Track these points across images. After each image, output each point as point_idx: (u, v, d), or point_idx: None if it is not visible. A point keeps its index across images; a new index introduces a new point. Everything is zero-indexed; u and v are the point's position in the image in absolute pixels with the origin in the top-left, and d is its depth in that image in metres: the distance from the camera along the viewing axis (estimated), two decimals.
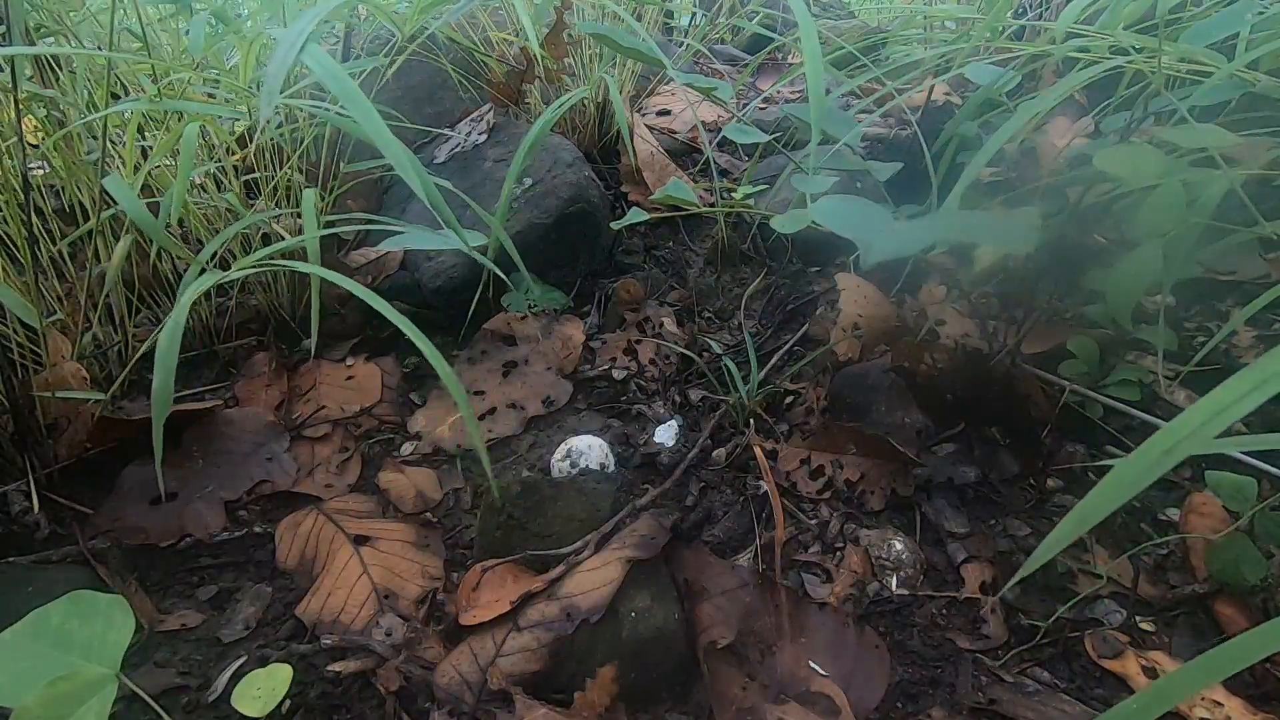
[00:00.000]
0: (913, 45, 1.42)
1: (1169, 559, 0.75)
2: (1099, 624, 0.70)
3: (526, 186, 1.12)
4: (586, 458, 0.84)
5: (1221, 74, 0.70)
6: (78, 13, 1.02)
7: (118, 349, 0.94)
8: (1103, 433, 0.85)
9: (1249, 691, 0.64)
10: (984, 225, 0.62)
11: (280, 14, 0.99)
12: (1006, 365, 0.86)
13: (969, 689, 0.66)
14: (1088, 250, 0.79)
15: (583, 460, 0.83)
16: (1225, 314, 0.93)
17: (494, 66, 1.26)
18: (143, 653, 0.70)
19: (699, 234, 1.26)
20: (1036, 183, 0.80)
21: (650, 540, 0.71)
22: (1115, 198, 0.75)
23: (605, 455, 0.84)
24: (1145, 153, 0.65)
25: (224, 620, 0.74)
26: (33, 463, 0.82)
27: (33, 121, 0.97)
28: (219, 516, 0.84)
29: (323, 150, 1.10)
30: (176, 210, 0.81)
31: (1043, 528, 0.79)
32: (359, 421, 0.97)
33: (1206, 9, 0.87)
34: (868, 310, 0.97)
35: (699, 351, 1.04)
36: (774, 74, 1.78)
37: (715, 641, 0.67)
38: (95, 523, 0.82)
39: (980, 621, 0.72)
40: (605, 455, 0.84)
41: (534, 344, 1.05)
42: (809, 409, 0.93)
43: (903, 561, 0.76)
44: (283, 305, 1.07)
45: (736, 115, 1.05)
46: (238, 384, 1.00)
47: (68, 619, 0.58)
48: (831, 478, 0.85)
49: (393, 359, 1.06)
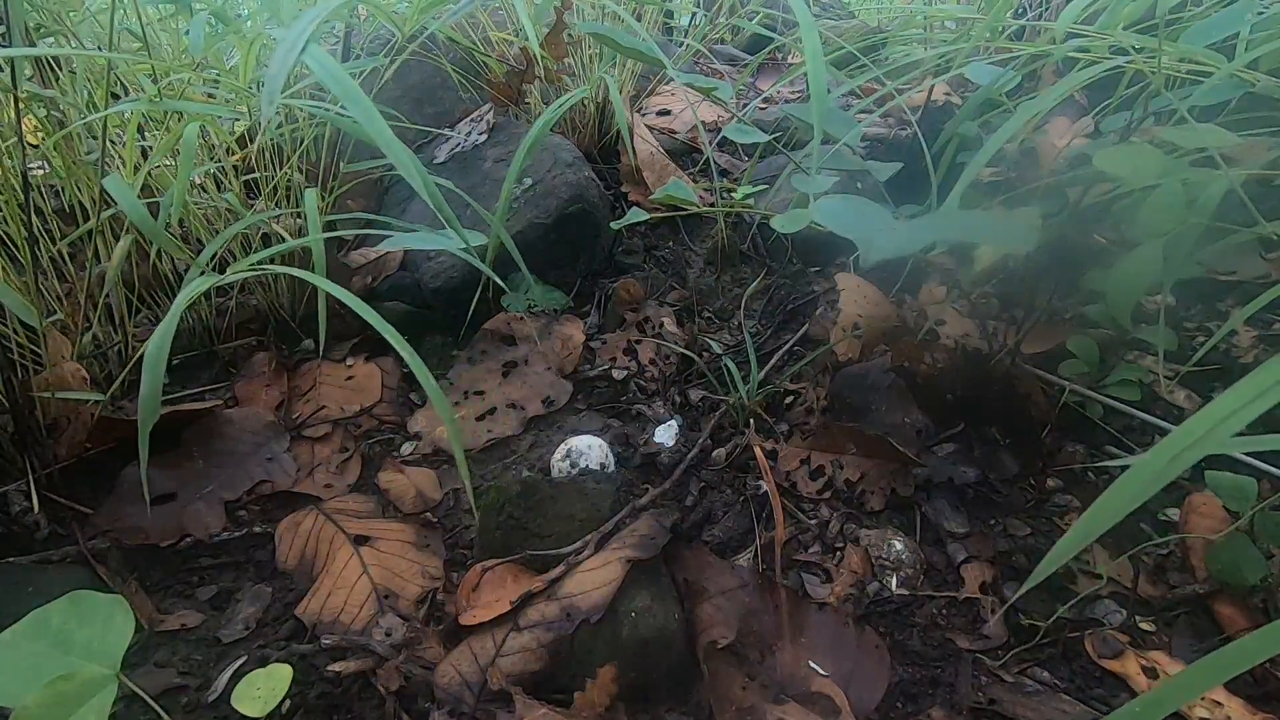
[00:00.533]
0: (913, 45, 1.42)
1: (1169, 559, 0.75)
2: (1099, 624, 0.70)
3: (526, 186, 1.12)
4: (586, 458, 0.84)
5: (1221, 74, 0.70)
6: (78, 13, 1.02)
7: (118, 349, 0.94)
8: (1103, 433, 0.85)
9: (1249, 691, 0.64)
10: (984, 225, 0.62)
11: (280, 14, 0.99)
12: (1006, 365, 0.86)
13: (969, 689, 0.66)
14: (1088, 250, 0.79)
15: (583, 460, 0.83)
16: (1225, 314, 0.92)
17: (494, 66, 1.26)
18: (143, 653, 0.70)
19: (699, 234, 1.26)
20: (1036, 183, 0.80)
21: (650, 540, 0.71)
22: (1115, 198, 0.75)
23: (605, 455, 0.84)
24: (1145, 153, 0.65)
25: (224, 620, 0.74)
26: (33, 463, 0.82)
27: (33, 121, 0.97)
28: (219, 516, 0.84)
29: (323, 150, 1.10)
30: (176, 210, 0.81)
31: (1043, 528, 0.79)
32: (359, 421, 0.97)
33: (1206, 9, 0.87)
34: (868, 310, 0.97)
35: (699, 351, 1.04)
36: (774, 74, 1.78)
37: (715, 641, 0.67)
38: (95, 523, 0.82)
39: (980, 621, 0.72)
40: (605, 455, 0.84)
41: (534, 344, 1.05)
42: (809, 409, 0.93)
43: (903, 561, 0.76)
44: (283, 305, 1.07)
45: (736, 115, 1.05)
46: (238, 384, 1.00)
47: (68, 619, 0.58)
48: (831, 478, 0.85)
49: (393, 359, 1.06)
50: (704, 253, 1.23)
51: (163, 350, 0.61)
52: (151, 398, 0.61)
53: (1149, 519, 0.79)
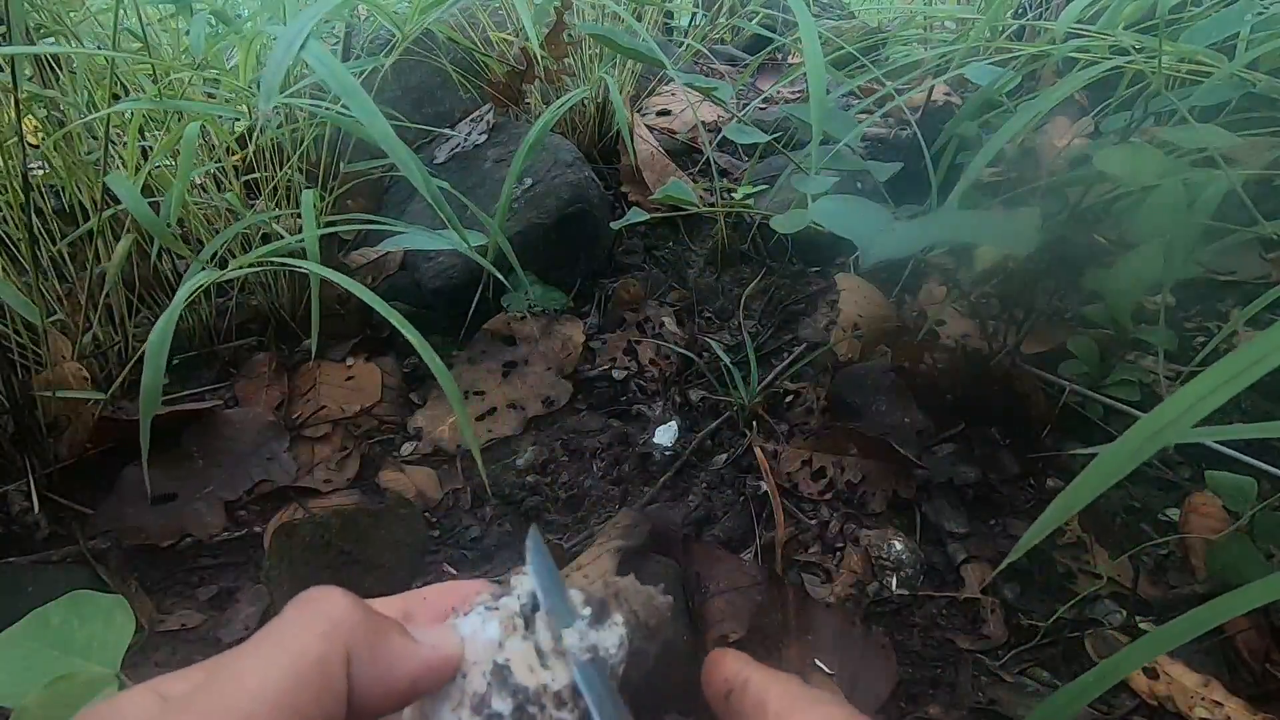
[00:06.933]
0: (913, 45, 1.42)
1: (1169, 559, 0.75)
2: (1099, 624, 0.70)
3: (526, 186, 1.12)
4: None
5: (1221, 74, 0.70)
6: (78, 13, 1.02)
7: (118, 349, 0.94)
8: (1103, 433, 0.85)
9: (1249, 691, 0.64)
10: (984, 225, 0.62)
11: (280, 14, 0.99)
12: (1006, 365, 0.86)
13: (969, 689, 0.66)
14: (1088, 250, 0.79)
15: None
16: (1225, 314, 0.93)
17: (494, 66, 1.26)
18: (143, 653, 0.70)
19: (699, 234, 1.26)
20: (1036, 183, 0.80)
21: (634, 529, 0.71)
22: (1115, 198, 0.75)
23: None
24: (1145, 153, 0.65)
25: (224, 620, 0.74)
26: (33, 463, 0.82)
27: (33, 121, 0.97)
28: (219, 516, 0.84)
29: (323, 150, 1.09)
30: (176, 210, 0.81)
31: None
32: (359, 421, 0.97)
33: (1206, 9, 0.87)
34: (868, 310, 0.97)
35: (699, 352, 1.04)
36: (774, 74, 1.78)
37: (726, 636, 0.67)
38: (95, 523, 0.82)
39: (980, 621, 0.72)
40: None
41: (534, 344, 1.05)
42: (809, 409, 0.93)
43: (903, 561, 0.76)
44: (283, 305, 1.07)
45: (736, 115, 1.05)
46: (238, 384, 1.00)
47: (68, 619, 0.58)
48: (833, 479, 0.85)
49: (393, 359, 1.06)
50: (704, 253, 1.23)
51: (165, 340, 0.61)
52: (153, 389, 0.61)
53: (1149, 519, 0.79)
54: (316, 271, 0.69)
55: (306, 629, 0.25)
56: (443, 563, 0.79)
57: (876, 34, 1.51)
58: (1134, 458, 0.35)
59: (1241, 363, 0.34)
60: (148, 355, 0.61)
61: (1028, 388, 0.84)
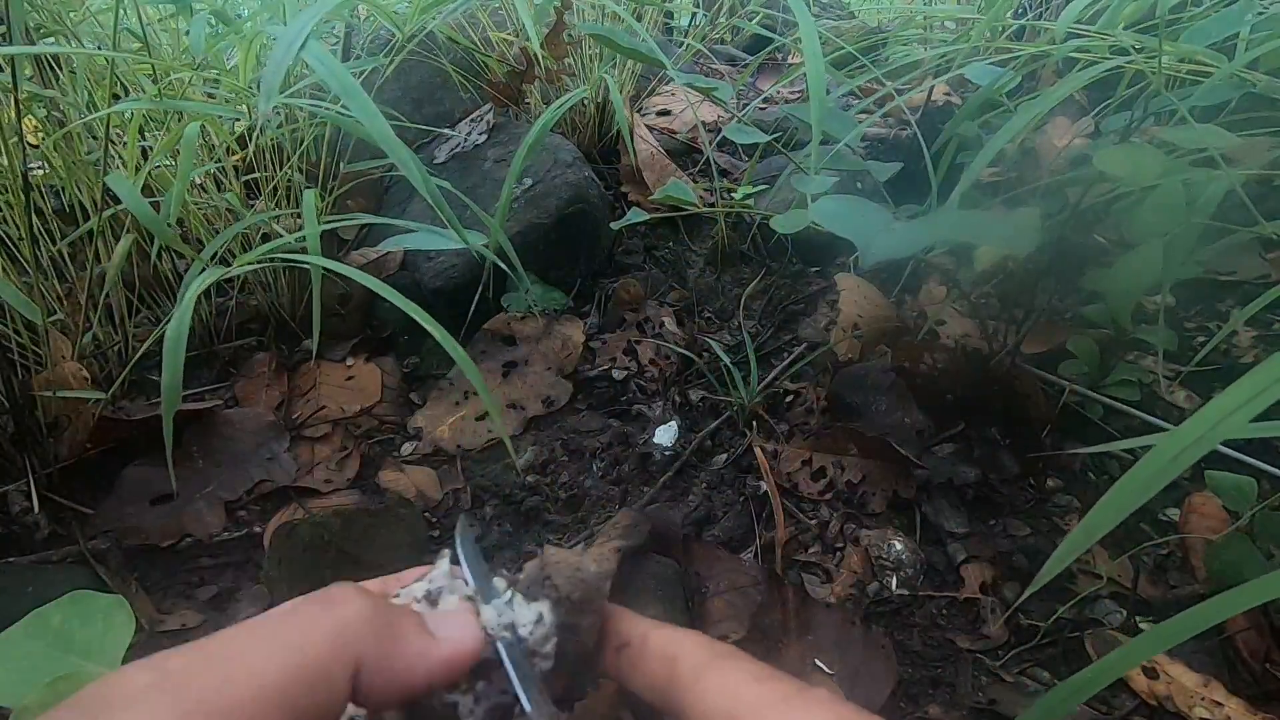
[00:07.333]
0: (913, 45, 1.42)
1: (1169, 559, 0.75)
2: (1099, 624, 0.70)
3: (526, 186, 1.12)
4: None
5: (1221, 74, 0.70)
6: (78, 13, 1.02)
7: (118, 349, 0.94)
8: (1103, 433, 0.85)
9: (1249, 691, 0.64)
10: (984, 225, 0.62)
11: (280, 14, 0.99)
12: (1006, 365, 0.86)
13: (969, 689, 0.66)
14: (1088, 250, 0.79)
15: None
16: (1225, 314, 0.93)
17: (494, 66, 1.26)
18: (143, 652, 0.69)
19: (699, 234, 1.26)
20: (1036, 183, 0.80)
21: (634, 529, 0.71)
22: (1115, 198, 0.75)
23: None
24: (1145, 153, 0.65)
25: (224, 620, 0.74)
26: (33, 463, 0.82)
27: (33, 121, 0.97)
28: (219, 516, 0.84)
29: (323, 150, 1.09)
30: (176, 210, 0.81)
31: (1043, 528, 0.79)
32: (359, 421, 0.97)
33: (1206, 9, 0.87)
34: (868, 310, 0.97)
35: (699, 352, 1.04)
36: (774, 74, 1.78)
37: (726, 636, 0.67)
38: (95, 523, 0.82)
39: (980, 621, 0.72)
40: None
41: (534, 344, 1.05)
42: (809, 409, 0.93)
43: (903, 561, 0.76)
44: (283, 305, 1.07)
45: (736, 115, 1.05)
46: (238, 384, 1.00)
47: (68, 619, 0.58)
48: (833, 479, 0.85)
49: (393, 359, 1.06)
50: (704, 253, 1.23)
51: (181, 338, 0.61)
52: (173, 387, 0.61)
53: (1149, 519, 0.79)
54: (320, 264, 0.69)
55: (315, 627, 0.25)
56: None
57: (876, 34, 1.51)
58: (1158, 479, 0.35)
59: (1264, 380, 0.33)
60: (165, 353, 0.61)
61: (1028, 388, 0.84)
